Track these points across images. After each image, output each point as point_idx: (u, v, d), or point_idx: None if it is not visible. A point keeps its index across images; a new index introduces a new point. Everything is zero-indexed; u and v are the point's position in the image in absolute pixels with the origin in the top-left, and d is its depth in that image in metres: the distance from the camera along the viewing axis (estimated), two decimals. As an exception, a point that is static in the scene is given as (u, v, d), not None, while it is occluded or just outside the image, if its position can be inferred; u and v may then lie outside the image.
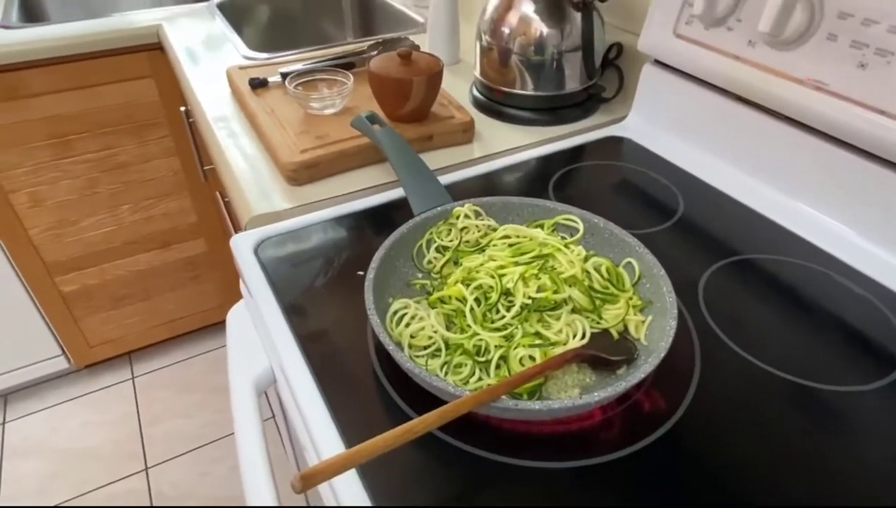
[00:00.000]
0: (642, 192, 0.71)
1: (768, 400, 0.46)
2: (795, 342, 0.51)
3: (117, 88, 1.28)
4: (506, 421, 0.43)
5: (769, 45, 0.62)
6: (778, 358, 0.49)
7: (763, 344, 0.50)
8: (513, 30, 0.83)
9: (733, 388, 0.47)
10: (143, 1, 1.60)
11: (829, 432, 0.43)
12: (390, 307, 0.50)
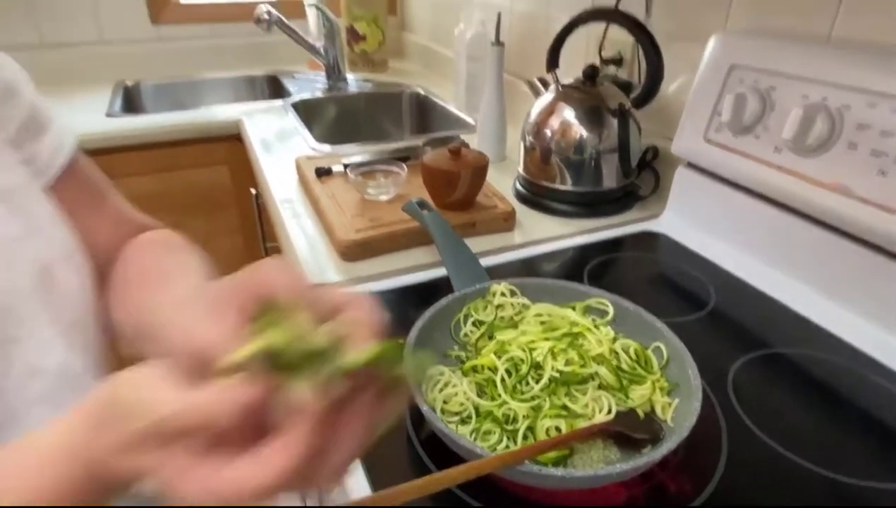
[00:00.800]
0: (675, 284, 0.74)
1: (794, 490, 0.46)
2: (823, 433, 0.51)
3: (195, 172, 1.43)
4: (529, 490, 0.45)
5: (794, 152, 0.66)
6: (805, 449, 0.49)
7: (791, 435, 0.51)
8: (554, 132, 0.91)
9: (759, 475, 0.47)
10: (225, 96, 1.80)
11: (860, 527, 0.43)
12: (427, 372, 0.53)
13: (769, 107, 0.69)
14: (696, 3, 0.87)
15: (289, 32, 1.62)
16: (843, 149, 0.61)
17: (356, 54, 1.83)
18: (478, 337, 0.58)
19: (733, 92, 0.71)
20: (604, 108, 0.89)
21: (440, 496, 0.42)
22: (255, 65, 1.86)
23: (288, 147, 1.22)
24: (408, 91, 1.69)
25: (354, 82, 1.73)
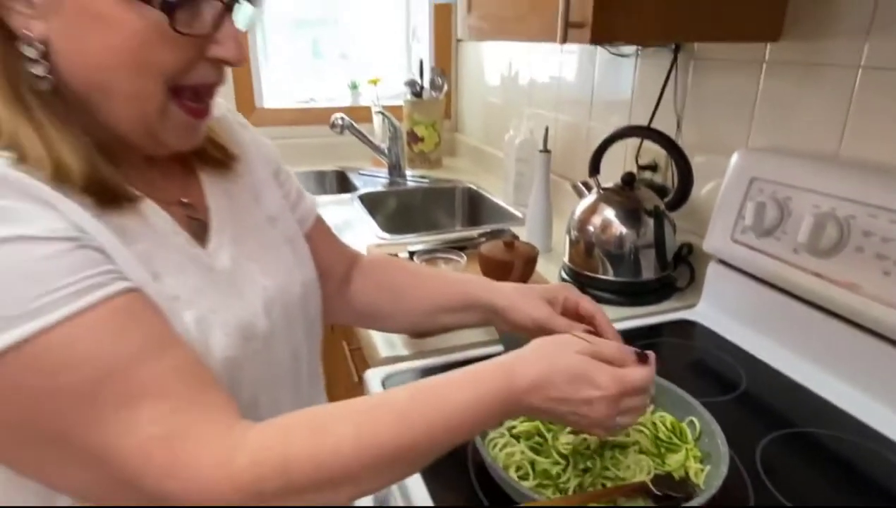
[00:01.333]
0: (709, 368, 0.82)
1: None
2: (839, 500, 0.57)
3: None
4: (580, 536, 0.53)
5: (810, 253, 0.76)
6: (828, 517, 0.55)
7: (810, 501, 0.57)
8: (597, 228, 1.03)
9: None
10: (297, 189, 2.01)
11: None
12: (487, 435, 0.62)
13: (786, 214, 0.79)
14: (720, 122, 1.00)
15: (358, 135, 1.84)
16: (851, 252, 0.71)
17: (415, 153, 2.03)
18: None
19: (754, 200, 0.82)
20: (641, 209, 1.01)
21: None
22: (326, 161, 2.08)
23: (356, 234, 1.38)
24: (460, 186, 1.86)
25: (412, 178, 1.92)
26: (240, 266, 0.56)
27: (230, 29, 0.48)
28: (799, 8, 0.84)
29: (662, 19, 0.79)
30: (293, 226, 0.66)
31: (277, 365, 0.58)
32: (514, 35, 1.01)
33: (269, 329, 0.56)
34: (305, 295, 0.63)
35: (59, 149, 0.43)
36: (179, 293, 0.48)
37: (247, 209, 0.60)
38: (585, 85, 1.38)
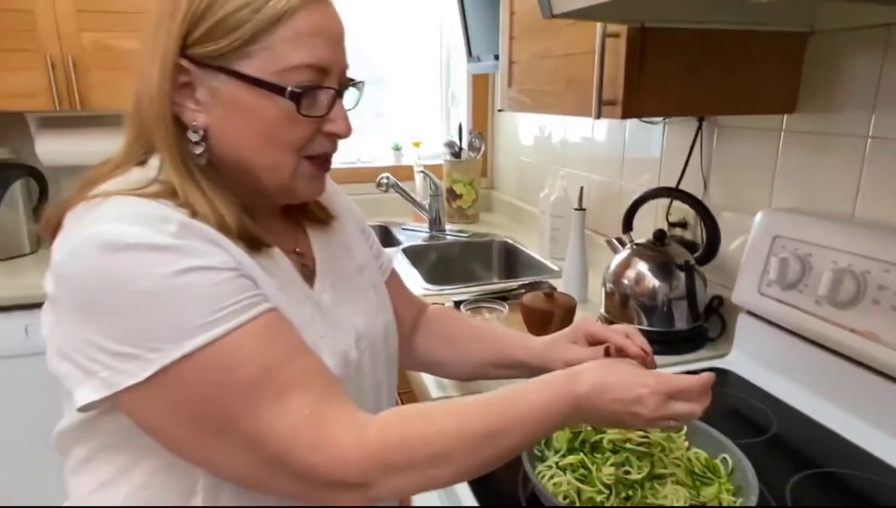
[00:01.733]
0: (741, 413, 0.88)
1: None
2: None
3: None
4: (623, 557, 0.59)
5: (830, 305, 0.82)
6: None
7: (841, 536, 0.62)
8: (631, 281, 1.11)
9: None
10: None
11: None
12: (537, 468, 0.69)
13: (807, 269, 0.86)
14: (744, 184, 1.09)
15: (402, 193, 1.97)
16: (868, 304, 0.77)
17: (453, 209, 2.16)
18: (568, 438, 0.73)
19: (778, 256, 0.90)
20: (672, 264, 1.09)
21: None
22: (370, 217, 2.21)
23: (403, 286, 1.48)
24: (497, 240, 1.96)
25: (451, 232, 2.04)
26: (337, 305, 0.67)
27: (341, 109, 0.61)
28: (810, 84, 0.94)
29: (685, 97, 0.90)
30: (377, 274, 0.77)
31: (364, 392, 0.68)
32: (551, 109, 1.13)
33: (358, 359, 0.66)
34: (386, 334, 0.73)
35: (219, 207, 0.56)
36: (297, 322, 0.58)
37: (341, 259, 0.72)
38: (616, 146, 1.49)
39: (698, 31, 0.87)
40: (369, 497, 0.52)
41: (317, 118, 0.58)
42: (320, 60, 0.57)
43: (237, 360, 0.50)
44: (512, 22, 1.24)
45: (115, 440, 0.57)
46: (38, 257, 1.78)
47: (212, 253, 0.52)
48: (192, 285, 0.50)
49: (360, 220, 0.80)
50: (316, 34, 0.57)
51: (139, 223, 0.51)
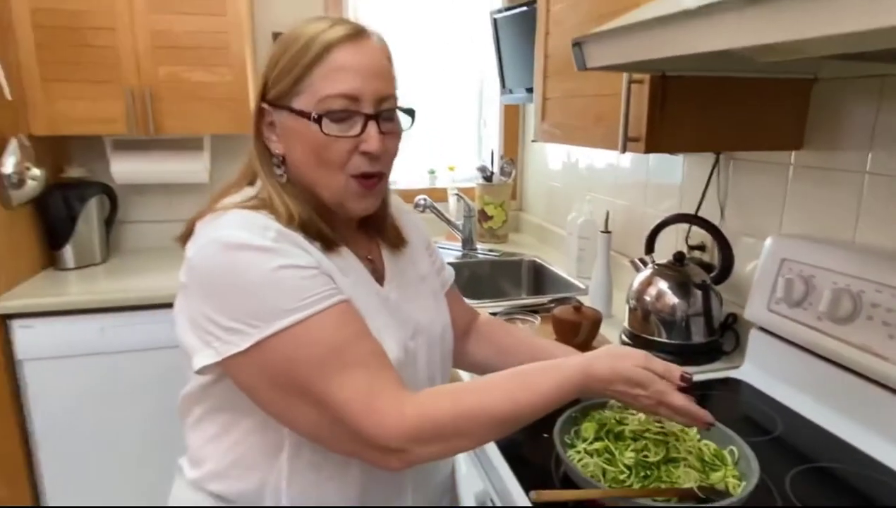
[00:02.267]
0: (750, 417, 0.98)
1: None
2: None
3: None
4: (642, 525, 0.70)
5: (831, 321, 0.92)
6: (842, 526, 0.71)
7: (831, 516, 0.72)
8: (652, 298, 1.22)
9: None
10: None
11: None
12: (567, 452, 0.81)
13: (811, 289, 0.97)
14: (756, 212, 1.20)
15: (437, 214, 2.11)
16: (864, 320, 0.88)
17: (485, 229, 2.29)
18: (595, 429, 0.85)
19: (784, 277, 1.01)
20: (690, 283, 1.20)
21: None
22: (405, 235, 2.36)
23: (440, 299, 1.60)
24: (525, 259, 2.08)
25: (482, 251, 2.17)
26: (402, 303, 0.80)
27: (373, 130, 0.70)
28: (815, 125, 1.05)
29: (701, 135, 1.02)
30: (437, 284, 0.90)
31: (417, 382, 0.80)
32: (580, 142, 1.26)
33: (415, 349, 0.79)
34: (443, 334, 0.85)
35: (299, 214, 0.70)
36: (366, 312, 0.71)
37: (407, 269, 0.84)
38: (640, 174, 1.61)
39: (713, 78, 0.99)
40: (407, 460, 0.65)
41: (351, 138, 0.69)
42: (350, 90, 0.68)
43: (313, 339, 0.64)
44: (546, 64, 1.38)
45: (221, 403, 0.72)
46: (108, 266, 1.96)
47: (300, 254, 0.67)
48: (284, 278, 0.64)
49: (426, 238, 0.93)
50: (346, 68, 0.68)
51: (247, 229, 0.66)
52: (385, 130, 0.72)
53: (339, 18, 0.72)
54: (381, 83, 0.71)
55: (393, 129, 0.74)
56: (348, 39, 0.69)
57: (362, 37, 0.71)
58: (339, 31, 0.69)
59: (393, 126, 0.74)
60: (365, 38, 0.71)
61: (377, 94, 0.70)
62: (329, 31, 0.69)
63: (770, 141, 1.07)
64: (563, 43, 1.29)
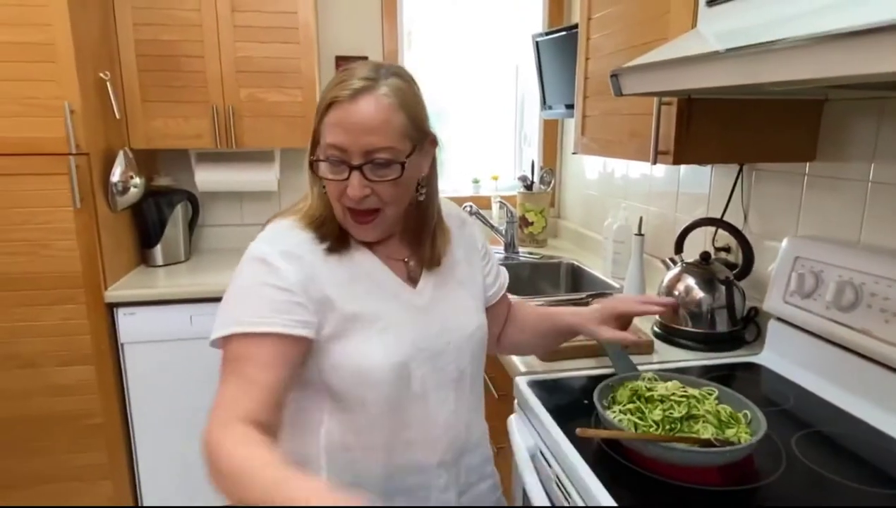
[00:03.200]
0: (764, 393, 1.13)
1: (822, 489, 0.82)
2: (847, 468, 0.87)
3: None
4: (656, 465, 0.86)
5: (837, 309, 1.07)
6: (831, 472, 0.85)
7: (825, 467, 0.87)
8: (680, 293, 1.37)
9: (800, 476, 0.84)
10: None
11: None
12: (609, 409, 0.97)
13: (820, 282, 1.11)
14: (776, 217, 1.35)
15: (483, 220, 2.29)
16: (864, 308, 1.02)
17: (525, 235, 2.46)
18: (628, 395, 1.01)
19: (797, 272, 1.15)
20: (715, 279, 1.35)
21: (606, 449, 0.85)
22: (451, 239, 2.55)
23: (487, 295, 1.78)
24: (564, 261, 2.25)
25: (523, 254, 2.34)
26: (434, 305, 0.90)
27: (354, 180, 0.78)
28: (826, 139, 1.20)
29: (723, 149, 1.18)
30: (478, 289, 0.99)
31: (445, 374, 0.89)
32: (616, 154, 1.43)
33: (442, 347, 0.88)
34: (474, 334, 0.93)
35: (321, 214, 0.85)
36: (376, 312, 0.84)
37: (444, 274, 0.93)
38: (671, 183, 1.76)
39: (734, 100, 1.15)
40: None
41: (339, 182, 0.79)
42: (339, 143, 0.78)
43: (234, 348, 0.77)
44: (586, 85, 1.56)
45: None
46: (190, 263, 2.21)
47: (285, 271, 0.78)
48: (259, 295, 0.78)
49: (479, 248, 1.02)
50: (339, 124, 0.77)
51: (268, 242, 0.82)
52: (374, 178, 0.79)
53: (362, 70, 0.79)
54: (371, 138, 0.77)
55: (385, 176, 0.79)
56: (348, 99, 0.77)
57: (364, 93, 0.77)
58: (343, 90, 0.77)
59: (386, 172, 0.79)
60: (366, 94, 0.77)
61: (365, 148, 0.77)
62: (335, 88, 0.78)
63: (787, 153, 1.22)
64: (601, 67, 1.47)
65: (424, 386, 0.88)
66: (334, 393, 0.84)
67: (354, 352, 0.83)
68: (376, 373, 0.83)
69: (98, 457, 1.93)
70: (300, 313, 0.79)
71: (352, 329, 0.83)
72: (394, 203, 0.83)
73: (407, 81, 0.83)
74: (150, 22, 1.96)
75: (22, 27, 1.67)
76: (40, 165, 1.74)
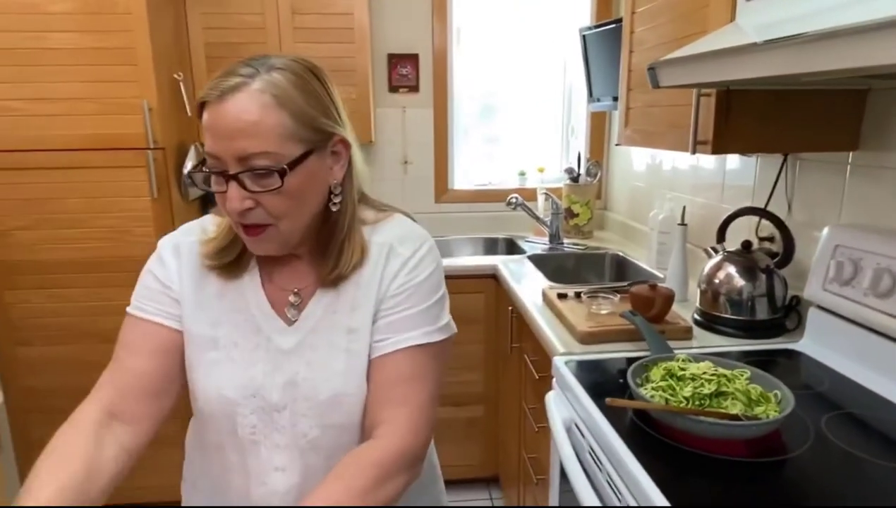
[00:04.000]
0: (801, 377, 1.15)
1: (845, 464, 0.86)
2: (874, 447, 0.89)
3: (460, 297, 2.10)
4: (685, 438, 0.91)
5: (875, 296, 1.08)
6: (856, 448, 0.88)
7: (850, 444, 0.90)
8: (721, 281, 1.40)
9: (826, 452, 0.87)
10: (475, 250, 2.56)
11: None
12: (642, 386, 1.02)
13: (858, 270, 1.12)
14: (819, 206, 1.35)
15: (528, 211, 2.35)
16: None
17: (570, 226, 2.50)
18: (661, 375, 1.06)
19: (836, 260, 1.17)
20: (756, 267, 1.37)
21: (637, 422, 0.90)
22: (497, 231, 2.63)
23: (529, 282, 1.85)
24: (609, 252, 2.28)
25: (568, 245, 2.38)
26: (299, 352, 0.78)
27: (232, 191, 0.69)
28: (869, 129, 1.20)
29: (764, 139, 1.20)
30: (363, 345, 0.78)
31: (287, 434, 0.78)
32: (657, 145, 1.46)
33: (283, 403, 0.77)
34: (332, 400, 0.77)
35: (219, 242, 0.81)
36: (221, 339, 0.78)
37: (339, 313, 0.79)
38: (717, 176, 1.77)
39: (774, 91, 1.18)
40: None
41: (221, 194, 0.71)
42: (211, 149, 0.69)
43: (122, 327, 0.80)
44: (629, 78, 1.59)
45: None
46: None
47: (168, 265, 0.80)
48: (144, 281, 0.82)
49: (392, 291, 0.79)
50: (208, 129, 0.69)
51: (174, 233, 0.84)
52: (256, 188, 0.69)
53: (240, 66, 0.70)
54: (242, 142, 0.67)
55: (267, 186, 0.69)
56: (216, 99, 0.67)
57: (233, 92, 0.67)
58: (213, 89, 0.68)
59: (268, 182, 0.69)
60: (236, 92, 0.67)
61: (237, 154, 0.68)
62: (206, 87, 0.69)
63: (828, 143, 1.23)
64: (644, 60, 1.50)
65: (255, 436, 0.79)
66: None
67: (190, 375, 0.80)
68: (198, 403, 0.80)
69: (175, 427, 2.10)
70: (170, 306, 0.80)
71: (190, 345, 0.80)
72: (286, 216, 0.72)
73: (297, 74, 0.71)
74: (217, 26, 2.12)
75: (107, 33, 1.84)
76: (122, 159, 1.92)
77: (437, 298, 0.83)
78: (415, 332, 0.79)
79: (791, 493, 0.80)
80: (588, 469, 1.03)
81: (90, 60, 1.85)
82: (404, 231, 0.84)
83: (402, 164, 2.60)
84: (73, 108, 1.87)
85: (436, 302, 0.82)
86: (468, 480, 2.28)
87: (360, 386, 0.78)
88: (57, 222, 1.95)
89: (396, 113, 2.55)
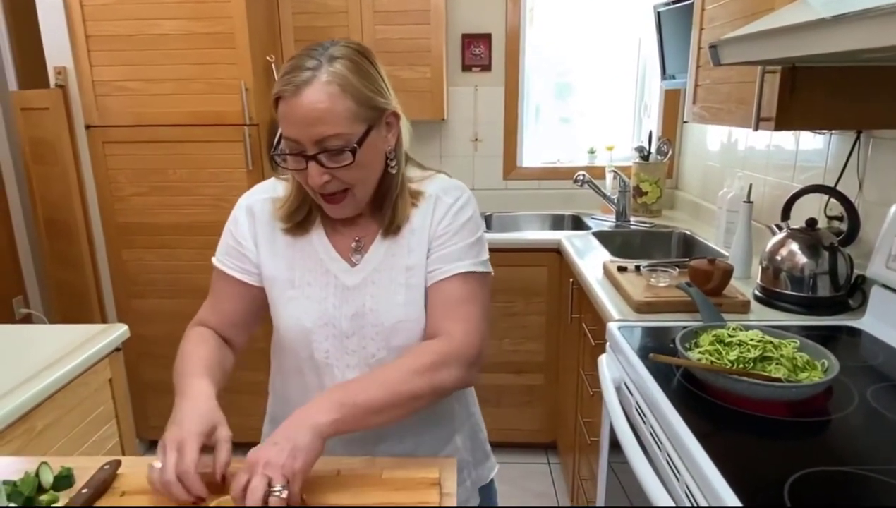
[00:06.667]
0: (857, 351, 1.17)
1: (885, 429, 0.89)
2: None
3: (524, 270, 2.20)
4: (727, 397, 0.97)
5: (938, 274, 1.08)
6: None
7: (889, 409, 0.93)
8: (783, 258, 1.41)
9: (866, 416, 0.91)
10: (542, 225, 2.63)
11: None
12: (690, 350, 1.09)
13: (923, 247, 1.12)
14: (891, 184, 1.33)
15: (594, 188, 2.39)
16: (965, 271, 1.03)
17: (638, 204, 2.52)
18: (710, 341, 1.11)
19: (902, 237, 1.16)
20: (819, 245, 1.37)
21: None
22: (564, 208, 2.68)
23: (592, 256, 1.91)
24: (676, 231, 2.29)
25: (635, 223, 2.40)
26: (363, 288, 0.91)
27: (312, 169, 0.81)
28: (947, 105, 1.18)
29: (830, 116, 1.21)
30: (420, 279, 0.92)
31: (356, 355, 0.92)
32: (723, 122, 1.48)
33: (352, 330, 0.91)
34: (395, 327, 0.91)
35: (291, 201, 0.93)
36: (296, 280, 0.92)
37: (397, 252, 0.92)
38: (790, 154, 1.75)
39: (841, 67, 1.18)
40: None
41: (300, 171, 0.83)
42: (290, 135, 0.81)
43: (214, 273, 0.98)
44: (699, 55, 1.61)
45: None
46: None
47: (242, 223, 0.94)
48: (224, 238, 0.97)
49: (438, 231, 0.92)
50: (286, 118, 0.81)
51: (248, 195, 0.97)
52: (331, 165, 0.81)
53: (304, 59, 0.80)
54: (320, 128, 0.79)
55: (341, 162, 0.81)
56: (292, 93, 0.79)
57: (306, 86, 0.78)
58: (287, 84, 0.79)
59: (341, 158, 0.81)
60: (308, 86, 0.78)
61: (315, 137, 0.79)
62: (280, 83, 0.80)
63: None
64: (714, 37, 1.51)
65: (329, 359, 0.93)
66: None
67: (273, 311, 0.95)
68: (280, 333, 0.95)
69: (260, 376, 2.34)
70: (243, 261, 0.95)
71: (271, 289, 0.95)
72: (359, 183, 0.86)
73: (353, 61, 0.82)
74: (305, 10, 2.28)
75: (210, 19, 2.05)
76: (223, 134, 2.13)
77: (478, 237, 0.95)
78: (463, 262, 0.92)
79: (824, 449, 0.85)
80: (635, 424, 1.11)
81: (196, 45, 2.07)
82: (446, 184, 0.97)
83: (473, 141, 2.69)
84: (182, 88, 2.10)
85: (477, 240, 0.95)
86: (527, 444, 2.39)
87: (419, 313, 0.92)
88: (167, 190, 2.20)
89: (468, 91, 2.64)
